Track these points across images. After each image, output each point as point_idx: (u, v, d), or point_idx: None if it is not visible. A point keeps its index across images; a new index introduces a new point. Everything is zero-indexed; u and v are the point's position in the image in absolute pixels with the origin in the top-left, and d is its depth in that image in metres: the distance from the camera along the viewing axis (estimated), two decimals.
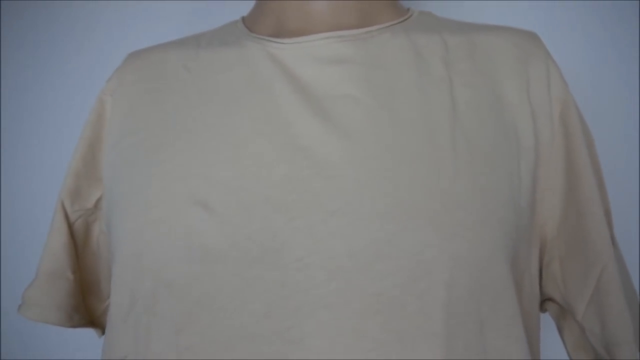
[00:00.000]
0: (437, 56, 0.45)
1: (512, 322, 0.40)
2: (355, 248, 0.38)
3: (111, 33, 0.80)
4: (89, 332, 0.56)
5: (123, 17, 0.80)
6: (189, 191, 0.41)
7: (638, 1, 0.75)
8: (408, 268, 0.37)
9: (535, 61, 0.45)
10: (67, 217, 0.51)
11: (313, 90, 0.42)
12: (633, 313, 0.44)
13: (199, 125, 0.44)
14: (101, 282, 0.54)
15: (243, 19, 0.52)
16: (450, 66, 0.44)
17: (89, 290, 0.53)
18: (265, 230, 0.39)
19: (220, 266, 0.39)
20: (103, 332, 0.53)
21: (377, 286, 0.37)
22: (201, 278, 0.39)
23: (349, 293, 0.37)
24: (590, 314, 0.44)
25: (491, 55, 0.45)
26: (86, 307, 0.53)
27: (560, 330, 0.49)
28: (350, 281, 0.37)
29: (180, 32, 0.60)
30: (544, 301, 0.48)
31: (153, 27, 0.77)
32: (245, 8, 0.54)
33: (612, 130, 0.74)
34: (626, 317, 0.43)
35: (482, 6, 0.76)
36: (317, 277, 0.38)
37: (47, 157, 0.80)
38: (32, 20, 0.81)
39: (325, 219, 0.38)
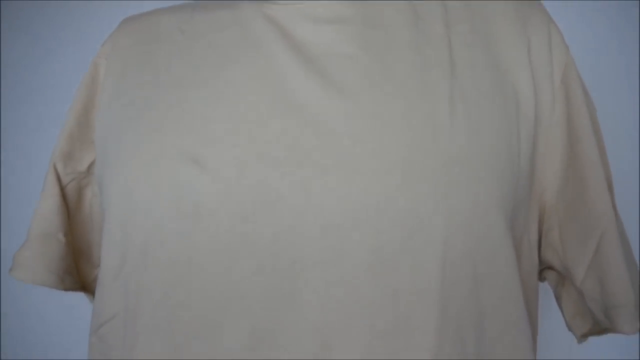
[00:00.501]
0: (436, 17, 0.44)
1: (509, 284, 0.39)
2: (349, 204, 0.37)
3: (111, 31, 0.80)
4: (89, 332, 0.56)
5: (123, 16, 0.80)
6: (181, 148, 0.40)
7: (638, 1, 0.75)
8: (403, 224, 0.37)
9: (536, 25, 0.45)
10: (59, 179, 0.51)
11: (309, 49, 0.42)
12: (633, 278, 0.43)
13: (191, 83, 0.43)
14: (93, 248, 0.53)
15: None
16: (450, 27, 0.43)
17: (81, 255, 0.53)
18: (259, 186, 0.38)
19: (212, 223, 0.38)
20: None
21: (371, 242, 0.37)
22: (193, 235, 0.39)
23: (343, 249, 0.37)
24: (589, 278, 0.44)
25: (492, 18, 0.45)
26: (78, 272, 0.53)
27: (558, 299, 0.48)
28: (344, 237, 0.37)
29: None
30: (542, 270, 0.48)
31: None
32: None
33: (612, 129, 0.74)
34: (626, 281, 0.42)
35: None
36: (311, 233, 0.37)
37: (46, 156, 0.80)
38: (32, 19, 0.81)
39: (320, 174, 0.38)
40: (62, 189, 0.51)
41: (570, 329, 0.48)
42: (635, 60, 0.75)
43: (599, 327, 0.46)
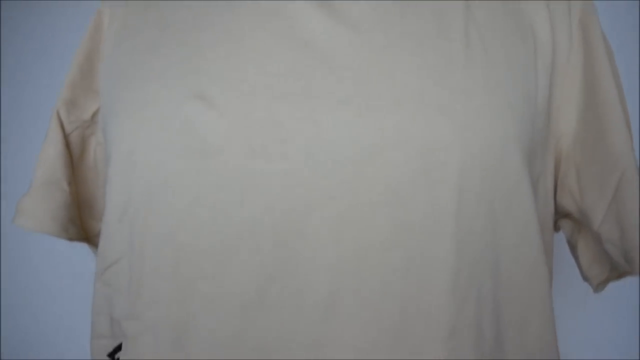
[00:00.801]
0: None
1: (527, 224, 0.39)
2: (362, 137, 0.36)
3: None
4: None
5: None
6: (187, 86, 0.39)
7: (638, 1, 0.75)
8: (418, 158, 0.36)
9: None
10: (62, 127, 0.49)
11: None
12: None
13: (197, 22, 0.42)
14: (97, 200, 0.52)
15: None
16: None
17: (85, 207, 0.52)
18: (268, 121, 0.37)
19: (219, 160, 0.37)
20: None
21: (385, 176, 0.36)
22: (199, 173, 0.38)
23: (356, 184, 0.36)
24: (608, 220, 0.42)
25: None
26: (82, 224, 0.52)
27: (573, 248, 0.48)
28: (357, 171, 0.36)
29: None
30: (557, 220, 0.47)
31: None
32: None
33: None
34: None
35: None
36: (323, 168, 0.36)
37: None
38: (31, 18, 0.81)
39: (331, 108, 0.37)
40: (66, 137, 0.50)
41: (586, 279, 0.47)
42: (635, 60, 0.75)
43: (617, 272, 0.45)
